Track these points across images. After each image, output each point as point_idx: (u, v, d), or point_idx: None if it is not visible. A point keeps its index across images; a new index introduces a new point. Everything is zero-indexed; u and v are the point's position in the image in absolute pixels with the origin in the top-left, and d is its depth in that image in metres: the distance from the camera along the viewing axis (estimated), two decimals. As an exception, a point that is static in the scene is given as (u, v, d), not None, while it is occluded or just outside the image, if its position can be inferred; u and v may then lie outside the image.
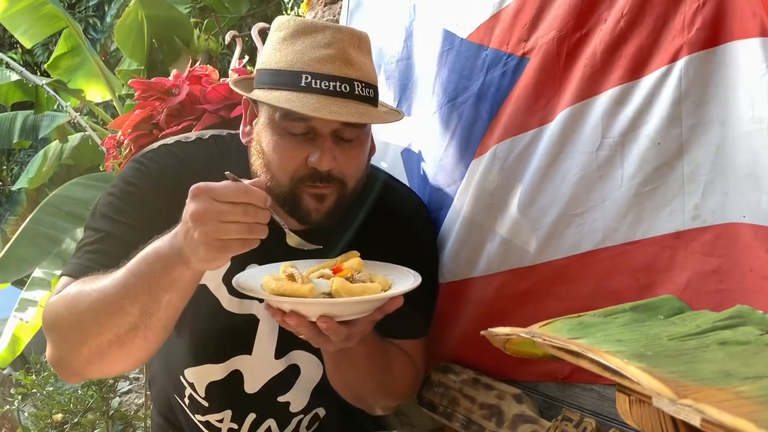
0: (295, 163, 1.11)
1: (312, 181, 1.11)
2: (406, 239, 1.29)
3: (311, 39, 1.09)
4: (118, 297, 1.02)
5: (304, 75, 1.07)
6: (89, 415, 2.73)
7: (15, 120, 4.75)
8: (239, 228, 0.93)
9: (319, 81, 1.07)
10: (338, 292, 0.98)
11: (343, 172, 1.13)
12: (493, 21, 1.26)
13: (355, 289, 1.00)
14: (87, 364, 1.09)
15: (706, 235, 0.90)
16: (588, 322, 0.76)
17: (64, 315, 1.08)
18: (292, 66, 1.08)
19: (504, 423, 1.17)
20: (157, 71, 4.24)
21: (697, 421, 0.49)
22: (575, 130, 1.06)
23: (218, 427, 1.31)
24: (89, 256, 1.14)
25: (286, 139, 1.11)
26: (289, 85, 1.08)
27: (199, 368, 1.27)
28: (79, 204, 3.47)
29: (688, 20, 0.89)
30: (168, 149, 1.23)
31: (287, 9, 5.81)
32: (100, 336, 1.05)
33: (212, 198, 0.92)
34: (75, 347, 1.08)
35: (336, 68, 1.08)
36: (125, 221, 1.16)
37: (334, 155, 1.10)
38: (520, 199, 1.17)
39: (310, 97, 1.06)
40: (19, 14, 4.28)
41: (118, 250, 1.12)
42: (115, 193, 1.19)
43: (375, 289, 1.02)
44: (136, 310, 1.01)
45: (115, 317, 1.02)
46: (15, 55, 8.25)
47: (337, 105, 1.06)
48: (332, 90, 1.07)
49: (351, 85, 1.09)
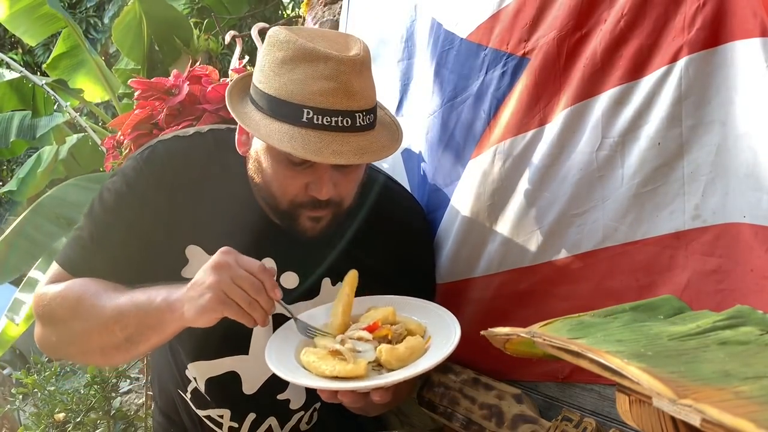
0: (294, 190, 1.11)
1: (312, 207, 1.12)
2: (403, 242, 1.29)
3: (312, 68, 1.04)
4: (112, 321, 1.09)
5: (306, 110, 1.03)
6: (91, 415, 2.73)
7: (12, 121, 4.73)
8: (243, 295, 1.00)
9: (321, 117, 1.03)
10: (389, 362, 0.99)
11: (341, 195, 1.13)
12: (492, 21, 1.26)
13: (402, 355, 1.00)
14: (71, 356, 1.24)
15: (706, 235, 0.90)
16: (588, 322, 0.76)
17: (60, 314, 1.15)
18: (293, 97, 1.04)
19: (504, 423, 1.16)
20: (157, 71, 4.24)
21: (697, 421, 0.49)
22: (575, 130, 1.06)
23: (219, 422, 1.31)
24: (83, 252, 1.19)
25: (286, 167, 1.10)
26: (289, 117, 1.05)
27: (198, 363, 1.28)
28: (72, 207, 3.34)
29: (689, 20, 0.89)
30: (166, 145, 1.23)
31: (286, 9, 5.82)
32: (88, 343, 1.15)
33: (236, 259, 1.02)
34: (63, 342, 1.19)
35: (338, 102, 1.04)
36: (120, 219, 1.18)
37: (333, 183, 1.10)
38: (520, 199, 1.17)
39: (310, 135, 1.03)
40: (19, 14, 4.28)
41: (111, 248, 1.17)
42: (112, 189, 1.20)
43: (420, 347, 1.02)
44: (123, 336, 1.10)
45: (104, 335, 1.11)
46: (15, 55, 8.26)
47: (338, 143, 1.04)
48: (334, 126, 1.04)
49: (353, 118, 1.06)
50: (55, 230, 3.32)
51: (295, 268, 1.23)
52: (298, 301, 1.23)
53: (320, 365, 1.00)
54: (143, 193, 1.18)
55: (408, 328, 1.07)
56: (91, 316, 1.11)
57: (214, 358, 1.26)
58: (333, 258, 1.23)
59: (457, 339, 1.02)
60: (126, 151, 2.01)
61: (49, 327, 1.18)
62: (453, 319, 1.09)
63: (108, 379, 2.76)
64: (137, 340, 1.10)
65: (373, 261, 1.24)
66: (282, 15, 6.00)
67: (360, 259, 1.23)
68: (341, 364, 0.99)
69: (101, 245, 1.18)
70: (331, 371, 0.98)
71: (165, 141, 1.24)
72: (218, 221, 1.19)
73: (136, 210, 1.18)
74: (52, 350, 1.25)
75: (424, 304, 1.15)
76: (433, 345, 1.04)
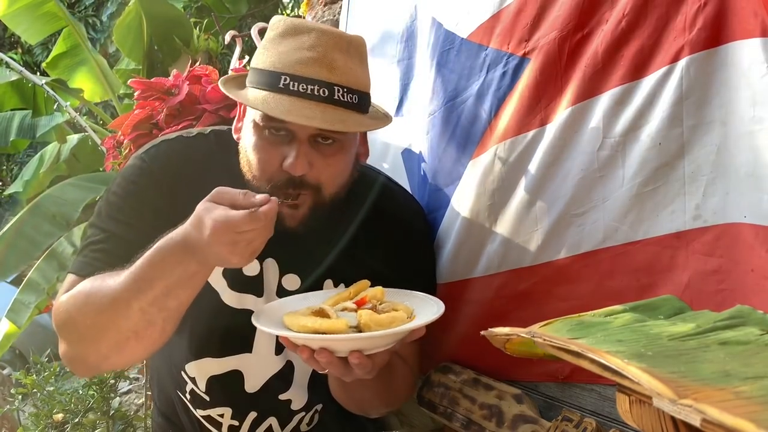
0: (270, 167, 1.10)
1: (287, 187, 1.10)
2: (404, 243, 1.29)
3: (296, 40, 1.07)
4: (131, 293, 1.02)
5: (283, 76, 1.05)
6: (90, 415, 2.73)
7: (12, 120, 4.73)
8: (254, 234, 0.96)
9: (297, 83, 1.05)
10: (368, 325, 0.97)
11: (319, 178, 1.11)
12: (493, 21, 1.26)
13: (383, 320, 0.98)
14: (104, 359, 1.10)
15: (707, 235, 0.90)
16: (588, 322, 0.76)
17: (78, 316, 1.08)
18: (274, 66, 1.07)
19: (504, 423, 1.16)
20: (157, 71, 4.24)
21: (697, 421, 0.49)
22: (576, 130, 1.06)
23: (219, 421, 1.31)
24: (95, 255, 1.15)
25: (264, 140, 1.10)
26: (268, 85, 1.07)
27: (200, 362, 1.27)
28: (69, 206, 3.28)
29: (690, 20, 0.89)
30: (169, 145, 1.23)
31: (287, 9, 5.81)
32: (117, 331, 1.06)
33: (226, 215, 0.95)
34: (92, 344, 1.09)
35: (315, 71, 1.05)
36: (128, 221, 1.17)
37: (309, 160, 1.09)
38: (520, 199, 1.17)
39: (284, 99, 1.05)
40: (19, 13, 4.28)
41: (121, 250, 1.12)
42: (117, 192, 1.19)
43: (402, 319, 1.00)
44: (147, 304, 1.02)
45: (129, 313, 1.03)
46: (15, 55, 8.26)
47: (312, 110, 1.04)
48: (309, 93, 1.05)
49: (330, 89, 1.06)
50: (53, 229, 3.27)
51: (297, 270, 1.23)
52: None
53: (301, 319, 0.99)
54: (146, 194, 1.18)
55: (395, 307, 1.05)
56: (106, 298, 1.04)
57: (220, 356, 1.26)
58: (334, 260, 1.23)
59: (440, 312, 1.01)
60: (126, 151, 2.01)
61: (73, 334, 1.11)
62: (437, 301, 1.07)
63: (106, 380, 2.76)
64: (165, 301, 1.02)
65: (375, 262, 1.24)
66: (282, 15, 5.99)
67: (361, 261, 1.23)
68: (322, 320, 0.98)
69: (108, 250, 1.15)
70: (312, 324, 0.97)
71: (169, 141, 1.24)
72: None
73: (140, 212, 1.17)
74: (81, 359, 1.13)
75: (415, 293, 1.13)
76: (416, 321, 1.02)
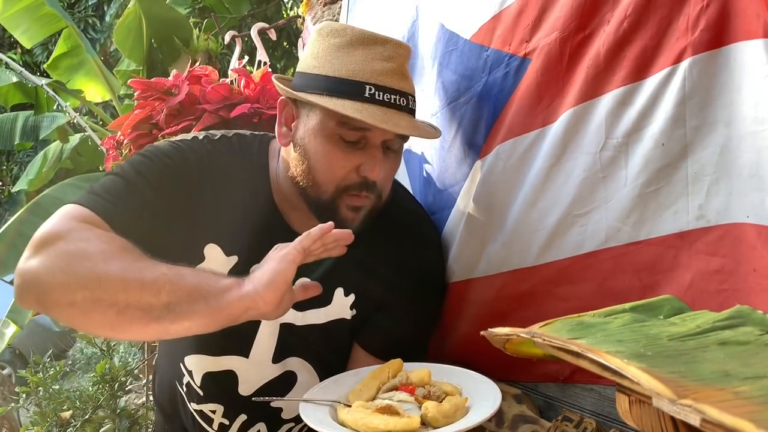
0: (343, 172, 1.12)
1: (357, 190, 1.12)
2: (413, 249, 1.29)
3: (372, 50, 1.10)
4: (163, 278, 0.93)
5: (368, 86, 1.08)
6: (99, 413, 2.74)
7: (16, 121, 4.74)
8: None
9: (382, 93, 1.09)
10: (436, 419, 0.96)
11: (383, 184, 1.16)
12: (494, 22, 1.26)
13: (448, 410, 0.98)
14: (70, 307, 0.94)
15: (709, 235, 0.90)
16: (588, 323, 0.76)
17: (100, 263, 0.94)
18: (355, 75, 1.09)
19: (504, 423, 1.16)
20: (157, 71, 4.25)
21: (697, 421, 0.49)
22: (579, 131, 1.06)
23: (211, 418, 1.32)
24: (108, 197, 1.07)
25: (339, 146, 1.11)
26: (351, 94, 1.08)
27: (197, 357, 1.28)
28: None
29: (692, 21, 0.89)
30: (201, 143, 1.21)
31: (287, 9, 5.82)
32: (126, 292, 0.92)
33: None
34: (80, 293, 0.92)
35: (396, 82, 1.11)
36: (151, 181, 1.11)
37: (383, 166, 1.13)
38: (522, 199, 1.17)
39: (375, 108, 1.08)
40: (19, 14, 4.29)
41: (135, 204, 1.07)
42: (149, 156, 1.15)
43: (462, 405, 1.00)
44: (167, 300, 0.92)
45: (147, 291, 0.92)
46: (15, 55, 8.26)
47: (397, 118, 1.09)
48: (392, 103, 1.10)
49: (407, 99, 1.13)
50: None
51: (309, 277, 1.22)
52: (309, 309, 1.23)
53: (371, 420, 0.95)
54: (177, 172, 1.14)
55: (444, 390, 1.05)
56: (137, 264, 0.94)
57: (216, 355, 1.26)
58: (345, 267, 1.20)
59: (500, 395, 1.01)
60: (126, 152, 2.01)
61: (73, 266, 0.95)
62: (486, 380, 1.07)
63: (117, 377, 2.77)
64: (180, 311, 0.92)
65: (385, 270, 1.24)
66: (282, 15, 6.00)
67: (372, 268, 1.23)
68: (394, 419, 0.95)
69: (123, 197, 1.07)
70: (386, 425, 0.94)
71: (200, 139, 1.21)
72: (239, 224, 1.18)
73: (165, 182, 1.12)
74: (44, 293, 0.96)
75: (453, 369, 1.12)
76: (473, 403, 1.02)
